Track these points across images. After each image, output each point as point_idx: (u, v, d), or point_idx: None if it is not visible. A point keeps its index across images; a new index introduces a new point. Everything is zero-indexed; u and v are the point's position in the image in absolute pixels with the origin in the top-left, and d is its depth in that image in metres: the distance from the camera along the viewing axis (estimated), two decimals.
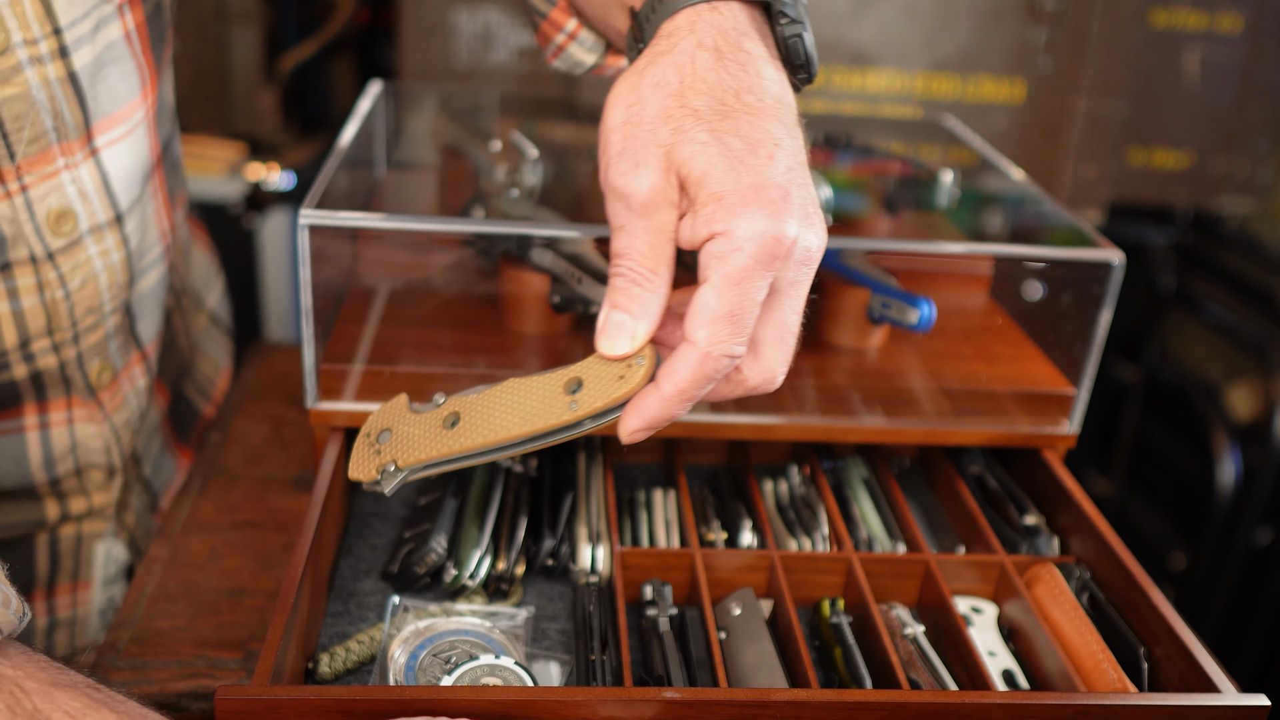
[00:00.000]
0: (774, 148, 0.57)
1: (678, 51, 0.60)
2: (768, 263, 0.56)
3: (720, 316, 0.56)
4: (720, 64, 0.59)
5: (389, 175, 1.16)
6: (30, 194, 0.75)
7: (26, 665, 0.55)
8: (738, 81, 0.59)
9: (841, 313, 0.94)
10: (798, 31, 0.62)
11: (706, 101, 0.58)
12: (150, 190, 0.87)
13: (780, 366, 0.62)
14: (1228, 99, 1.94)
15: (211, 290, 1.15)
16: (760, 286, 0.56)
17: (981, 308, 1.05)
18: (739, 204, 0.55)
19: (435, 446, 0.65)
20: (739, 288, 0.56)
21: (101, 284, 0.82)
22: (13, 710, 0.52)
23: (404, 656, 0.72)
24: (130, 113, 0.81)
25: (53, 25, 0.72)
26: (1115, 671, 0.71)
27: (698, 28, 0.60)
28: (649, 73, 0.60)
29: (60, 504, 0.89)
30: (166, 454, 1.03)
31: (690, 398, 0.59)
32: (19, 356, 0.80)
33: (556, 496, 0.87)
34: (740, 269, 0.55)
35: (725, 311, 0.56)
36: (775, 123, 0.58)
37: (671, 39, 0.61)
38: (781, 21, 0.62)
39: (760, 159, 0.56)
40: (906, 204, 1.11)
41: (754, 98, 0.58)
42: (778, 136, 0.58)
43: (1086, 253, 0.87)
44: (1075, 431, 0.91)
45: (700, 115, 0.57)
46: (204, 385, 1.11)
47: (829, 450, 0.96)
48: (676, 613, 0.78)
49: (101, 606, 0.93)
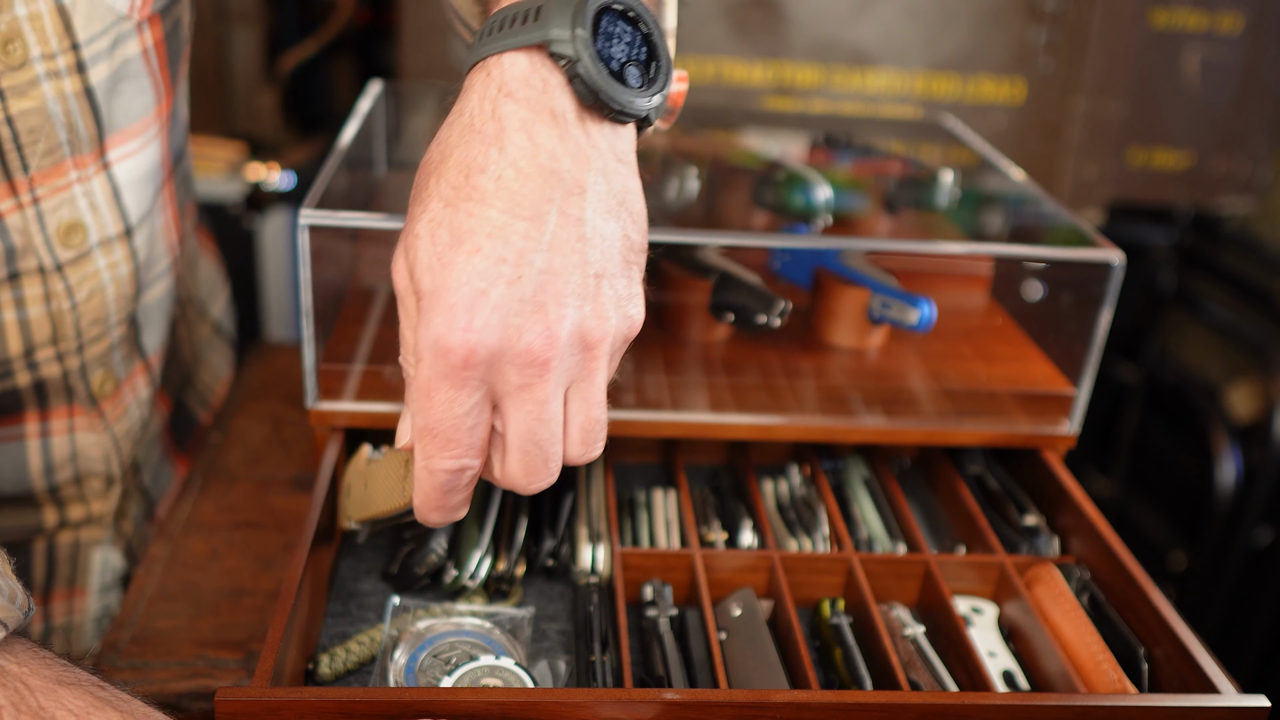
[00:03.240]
0: (484, 239, 0.51)
1: (446, 123, 0.56)
2: (449, 374, 0.52)
3: (419, 431, 0.54)
4: (467, 138, 0.54)
5: (389, 175, 1.16)
6: (42, 206, 0.75)
7: (32, 662, 0.55)
8: (474, 158, 0.53)
9: (841, 313, 0.95)
10: (574, 72, 0.53)
11: (441, 186, 0.53)
12: (160, 203, 0.87)
13: (527, 477, 0.57)
14: (1228, 99, 1.94)
15: (216, 300, 1.15)
16: (456, 398, 0.53)
17: (981, 308, 1.05)
18: (425, 308, 0.52)
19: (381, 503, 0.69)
20: (428, 400, 0.53)
21: (109, 296, 0.82)
22: (17, 707, 0.52)
23: (404, 657, 0.72)
24: (144, 128, 0.81)
25: (71, 41, 0.72)
26: (1115, 672, 0.71)
27: (470, 92, 0.55)
28: (431, 144, 0.56)
29: (59, 511, 0.89)
30: (165, 463, 1.04)
31: (441, 505, 0.57)
32: (22, 365, 0.80)
33: (556, 497, 0.87)
34: (423, 381, 0.53)
35: (421, 426, 0.54)
36: (498, 207, 0.52)
37: (456, 103, 0.56)
38: (560, 64, 0.54)
39: (460, 255, 0.51)
40: (906, 204, 1.11)
41: (485, 178, 0.52)
42: (494, 225, 0.52)
43: (1086, 253, 0.87)
44: (1075, 431, 0.91)
45: (429, 201, 0.53)
46: (204, 394, 1.11)
47: (829, 450, 0.96)
48: (676, 613, 0.78)
49: (97, 614, 0.93)
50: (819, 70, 1.83)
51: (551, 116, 0.54)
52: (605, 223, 0.54)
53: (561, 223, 0.53)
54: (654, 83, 0.56)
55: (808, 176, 1.02)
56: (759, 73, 1.83)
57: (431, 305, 0.52)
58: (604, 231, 0.54)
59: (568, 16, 0.53)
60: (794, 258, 0.98)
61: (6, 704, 0.52)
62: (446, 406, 0.53)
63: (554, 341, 0.53)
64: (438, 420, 0.54)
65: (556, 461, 0.57)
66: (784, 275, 0.99)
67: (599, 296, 0.54)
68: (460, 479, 0.56)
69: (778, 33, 1.80)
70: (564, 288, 0.53)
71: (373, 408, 0.85)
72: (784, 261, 0.98)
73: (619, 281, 0.55)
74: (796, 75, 1.83)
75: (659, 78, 0.56)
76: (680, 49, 1.80)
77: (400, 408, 0.85)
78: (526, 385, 0.53)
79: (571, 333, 0.54)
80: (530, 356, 0.53)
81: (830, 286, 0.94)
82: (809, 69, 1.83)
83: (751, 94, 1.84)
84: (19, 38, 0.69)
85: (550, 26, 0.53)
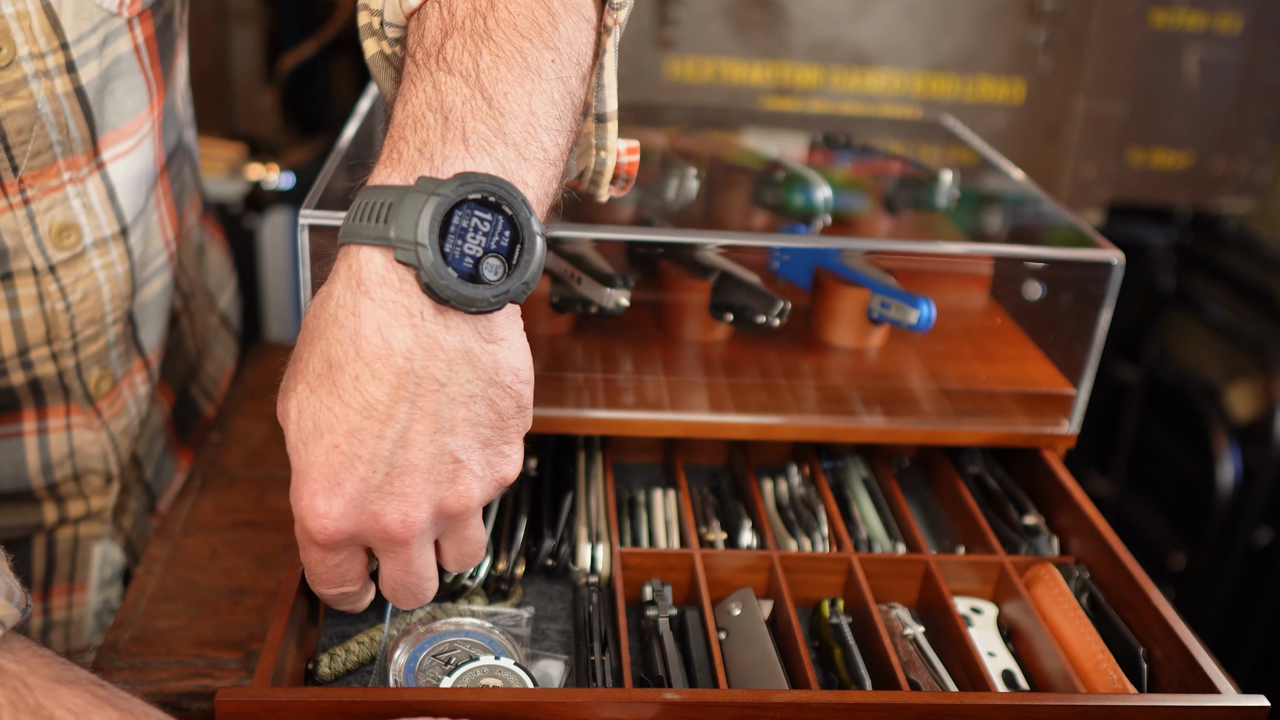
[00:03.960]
0: (340, 437, 0.56)
1: (318, 298, 0.58)
2: (313, 536, 0.59)
3: (308, 571, 0.64)
4: (329, 330, 0.56)
5: None
6: (33, 207, 0.75)
7: (31, 661, 0.55)
8: (334, 354, 0.56)
9: (841, 313, 0.95)
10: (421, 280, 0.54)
11: (310, 366, 0.57)
12: (155, 200, 0.87)
13: (404, 604, 0.65)
14: (1227, 99, 1.94)
15: (224, 291, 1.15)
16: (325, 558, 0.61)
17: (981, 308, 1.05)
18: (294, 483, 0.59)
19: None
20: (302, 551, 0.62)
21: (104, 296, 0.82)
22: (15, 706, 0.52)
23: (404, 657, 0.72)
24: (138, 126, 0.81)
25: (60, 40, 0.71)
26: (1115, 672, 0.71)
27: (336, 277, 0.57)
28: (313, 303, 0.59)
29: (58, 507, 0.89)
30: (168, 456, 1.03)
31: (341, 606, 0.68)
32: (16, 364, 0.80)
33: (556, 496, 0.87)
34: (297, 533, 0.61)
35: (307, 566, 0.63)
36: (354, 407, 0.55)
37: (329, 276, 0.58)
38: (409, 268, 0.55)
39: (320, 449, 0.57)
40: (906, 204, 1.11)
41: (344, 376, 0.56)
42: (349, 425, 0.56)
43: (1086, 253, 0.87)
44: (1075, 431, 0.91)
45: (299, 377, 0.58)
46: (208, 386, 1.11)
47: (829, 450, 0.96)
48: (676, 613, 0.78)
49: (97, 608, 0.93)
50: (819, 70, 1.83)
51: (408, 315, 0.55)
52: (466, 409, 0.57)
53: (415, 418, 0.56)
54: (518, 267, 0.56)
55: (807, 176, 1.02)
56: (759, 73, 1.83)
57: (297, 485, 0.58)
58: (463, 416, 0.57)
59: (412, 222, 0.53)
60: (794, 258, 0.98)
61: (5, 702, 0.52)
62: (318, 560, 0.61)
63: (411, 525, 0.59)
64: (312, 566, 0.62)
65: (430, 592, 0.65)
66: (784, 275, 0.99)
67: (459, 477, 0.59)
68: (345, 599, 0.66)
69: (777, 33, 1.80)
70: (420, 478, 0.57)
71: None
72: (784, 261, 0.98)
73: (486, 453, 0.59)
74: (796, 75, 1.83)
75: (524, 258, 0.56)
76: (680, 49, 1.81)
77: None
78: (391, 550, 0.61)
79: (431, 512, 0.59)
80: (388, 536, 0.59)
81: (830, 286, 0.94)
82: (809, 69, 1.83)
83: (751, 94, 1.84)
84: (6, 37, 0.69)
85: (393, 229, 0.54)
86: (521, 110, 0.57)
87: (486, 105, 0.56)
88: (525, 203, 0.56)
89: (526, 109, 0.57)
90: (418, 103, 0.57)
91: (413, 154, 0.56)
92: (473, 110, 0.56)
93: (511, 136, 0.57)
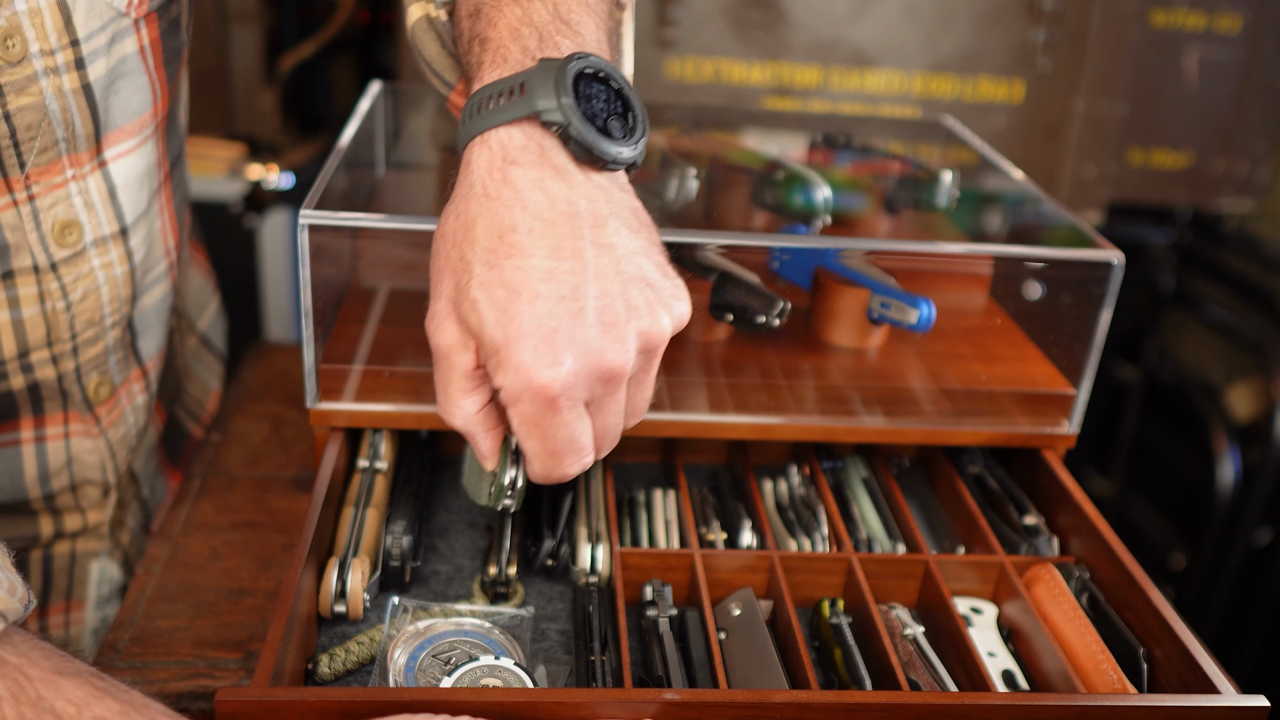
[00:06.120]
0: (539, 285, 0.57)
1: (458, 195, 0.61)
2: (551, 405, 0.58)
3: (537, 455, 0.61)
4: (487, 205, 0.59)
5: (389, 175, 1.16)
6: (37, 203, 0.75)
7: (31, 653, 0.55)
8: (501, 221, 0.58)
9: (841, 313, 0.94)
10: (567, 135, 0.60)
11: (477, 251, 0.59)
12: (157, 206, 0.87)
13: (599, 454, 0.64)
14: (1227, 99, 1.94)
15: (204, 313, 1.14)
16: (565, 420, 0.59)
17: (981, 308, 1.05)
18: (506, 357, 0.58)
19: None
20: (540, 430, 0.60)
21: (103, 296, 0.82)
22: (16, 698, 0.52)
23: (404, 657, 0.72)
24: (141, 127, 0.81)
25: (71, 37, 0.72)
26: (1115, 672, 0.71)
27: (474, 165, 0.61)
28: (446, 215, 0.62)
29: (54, 520, 0.89)
30: (160, 476, 1.03)
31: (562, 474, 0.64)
32: (16, 367, 0.80)
33: (556, 496, 0.87)
34: (526, 417, 0.59)
35: (538, 449, 0.61)
36: (539, 255, 0.58)
37: (461, 176, 0.62)
38: (552, 129, 0.60)
39: (522, 305, 0.57)
40: (906, 204, 1.11)
41: (518, 235, 0.58)
42: (543, 271, 0.57)
43: (1086, 253, 0.87)
44: (1075, 431, 0.91)
45: (471, 267, 0.59)
46: (193, 408, 1.10)
47: (829, 450, 0.96)
48: (676, 613, 0.78)
49: (95, 626, 0.93)
50: (818, 70, 1.83)
51: (555, 171, 0.60)
52: (633, 239, 0.60)
53: (599, 253, 0.59)
54: (634, 131, 0.63)
55: (807, 176, 1.02)
56: (758, 73, 1.83)
57: (512, 354, 0.57)
58: (634, 246, 0.60)
59: (551, 87, 0.60)
60: (794, 258, 0.98)
61: (6, 694, 0.52)
62: (559, 430, 0.60)
63: (628, 356, 0.59)
64: (558, 443, 0.60)
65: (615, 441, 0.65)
66: (784, 275, 0.99)
67: (653, 305, 0.60)
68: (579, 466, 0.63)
69: (777, 33, 1.80)
70: (621, 306, 0.59)
71: (373, 408, 0.85)
72: (784, 261, 0.98)
73: (663, 284, 0.61)
74: (796, 75, 1.83)
75: (638, 126, 0.63)
76: (680, 49, 1.81)
77: (399, 407, 0.85)
78: (608, 394, 0.60)
79: (636, 344, 0.60)
80: (612, 373, 0.59)
81: (830, 286, 0.94)
82: (808, 69, 1.83)
83: (751, 94, 1.84)
84: (18, 33, 0.69)
85: (537, 99, 0.60)
86: (591, 35, 0.66)
87: (566, 26, 0.65)
88: (626, 79, 0.63)
89: (595, 35, 0.66)
90: (510, 19, 0.64)
91: (518, 54, 0.63)
92: (556, 28, 0.64)
93: (589, 50, 0.64)
